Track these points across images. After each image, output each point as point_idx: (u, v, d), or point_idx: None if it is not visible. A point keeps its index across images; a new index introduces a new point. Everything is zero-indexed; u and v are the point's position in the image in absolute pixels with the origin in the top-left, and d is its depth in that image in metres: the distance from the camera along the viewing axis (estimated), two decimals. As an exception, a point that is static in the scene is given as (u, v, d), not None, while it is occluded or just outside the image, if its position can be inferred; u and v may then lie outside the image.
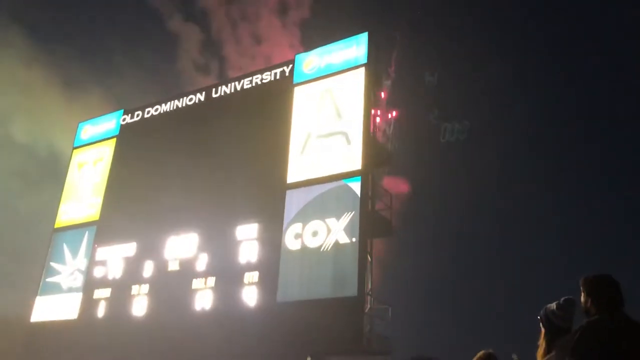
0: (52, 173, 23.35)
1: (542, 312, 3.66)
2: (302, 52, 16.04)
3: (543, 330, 3.64)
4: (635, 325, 3.03)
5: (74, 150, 20.08)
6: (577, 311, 3.43)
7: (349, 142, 13.76)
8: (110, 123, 19.50)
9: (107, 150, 19.00)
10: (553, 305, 3.61)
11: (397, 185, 16.07)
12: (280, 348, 12.64)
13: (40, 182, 24.65)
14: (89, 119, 20.37)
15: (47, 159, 25.28)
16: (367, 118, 13.86)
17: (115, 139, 18.97)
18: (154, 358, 14.33)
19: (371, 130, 13.96)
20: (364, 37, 14.78)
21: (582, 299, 3.22)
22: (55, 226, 18.82)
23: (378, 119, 14.63)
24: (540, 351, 3.61)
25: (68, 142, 20.70)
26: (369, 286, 12.64)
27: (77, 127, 20.43)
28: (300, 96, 15.22)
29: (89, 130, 20.06)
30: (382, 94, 14.99)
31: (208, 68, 30.94)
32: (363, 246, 12.57)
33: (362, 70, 14.38)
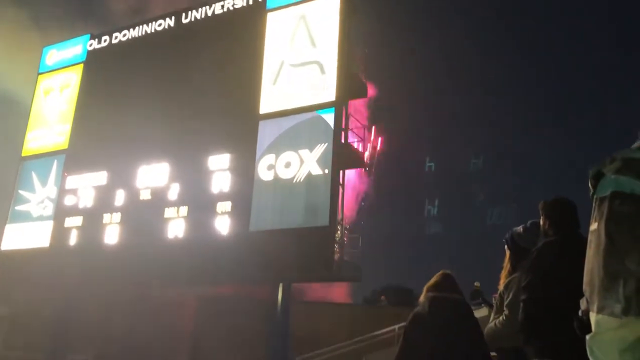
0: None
1: (507, 234, 3.76)
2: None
3: (508, 252, 3.75)
4: None
5: (39, 76, 19.38)
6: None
7: (323, 72, 13.54)
8: (76, 48, 18.76)
9: (74, 76, 18.36)
10: (520, 228, 3.71)
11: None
12: (252, 275, 12.92)
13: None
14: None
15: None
16: (342, 47, 13.60)
17: (82, 65, 18.32)
18: (127, 285, 14.52)
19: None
20: (340, -38, 14.26)
21: (541, 221, 3.29)
22: (23, 154, 18.42)
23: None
24: (504, 272, 3.74)
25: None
26: (340, 216, 12.86)
27: (42, 51, 19.67)
28: (274, 23, 14.79)
29: (54, 55, 19.29)
30: None
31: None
32: (335, 177, 12.68)
33: (338, -4, 13.97)
